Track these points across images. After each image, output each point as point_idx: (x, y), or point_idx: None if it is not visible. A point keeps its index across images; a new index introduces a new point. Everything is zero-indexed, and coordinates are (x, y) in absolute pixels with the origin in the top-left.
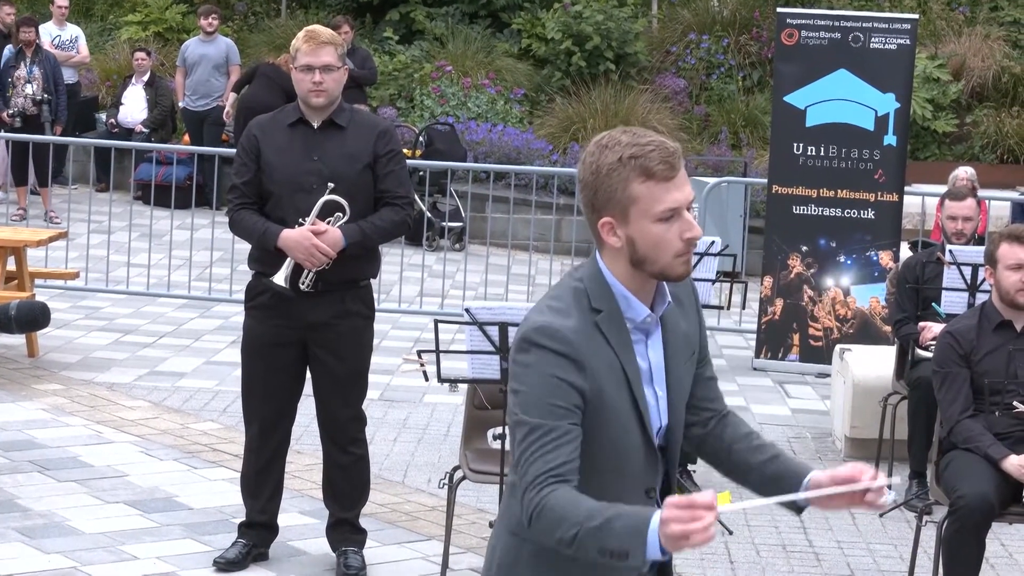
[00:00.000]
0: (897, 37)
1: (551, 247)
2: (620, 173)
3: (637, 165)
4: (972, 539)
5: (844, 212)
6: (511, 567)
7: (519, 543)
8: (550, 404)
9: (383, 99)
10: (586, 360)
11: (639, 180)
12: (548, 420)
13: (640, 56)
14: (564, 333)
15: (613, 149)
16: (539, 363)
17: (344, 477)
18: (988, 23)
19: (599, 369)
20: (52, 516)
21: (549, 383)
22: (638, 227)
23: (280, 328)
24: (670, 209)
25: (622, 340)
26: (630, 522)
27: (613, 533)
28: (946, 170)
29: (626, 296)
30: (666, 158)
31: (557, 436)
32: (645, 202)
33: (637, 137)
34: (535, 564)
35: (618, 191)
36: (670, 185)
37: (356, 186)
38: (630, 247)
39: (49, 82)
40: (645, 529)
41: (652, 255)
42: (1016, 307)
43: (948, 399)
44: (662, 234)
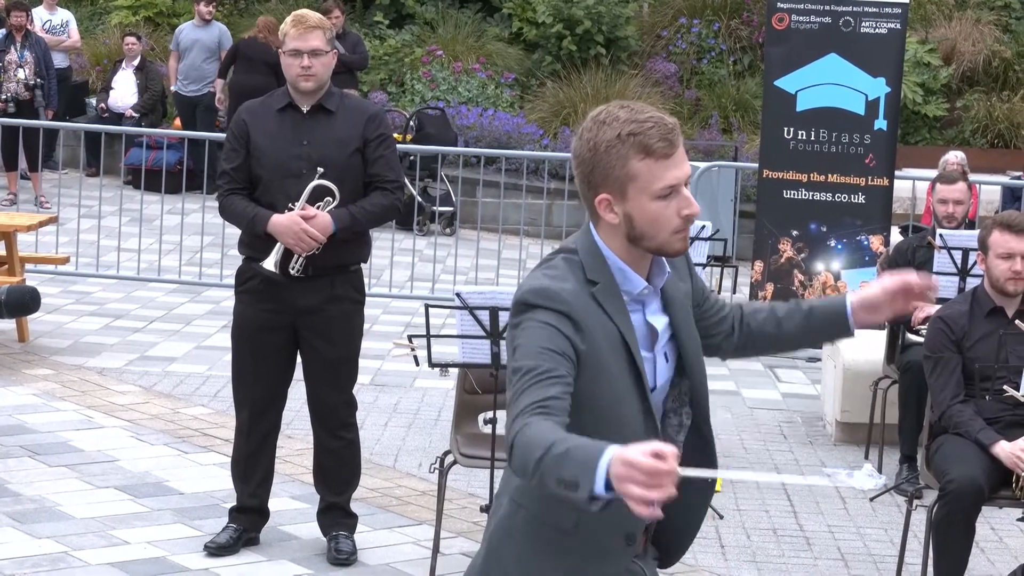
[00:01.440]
0: (888, 21)
1: (542, 231)
2: (619, 150)
3: (636, 142)
4: (962, 523)
5: (835, 196)
6: (506, 532)
7: (515, 508)
8: (543, 348)
9: (374, 84)
10: (583, 321)
11: (638, 158)
12: (540, 362)
13: (631, 40)
14: (561, 294)
15: (611, 125)
16: (535, 318)
17: (335, 462)
18: (979, 7)
19: (596, 333)
20: (43, 501)
21: (544, 331)
22: (636, 204)
23: (270, 313)
24: (669, 187)
25: (618, 308)
26: (586, 452)
27: (569, 462)
28: (936, 154)
29: (622, 269)
30: (665, 135)
31: (547, 374)
32: (644, 180)
33: (635, 113)
34: (527, 531)
35: (616, 168)
36: (669, 163)
37: (346, 171)
38: (627, 224)
39: (41, 66)
40: (596, 461)
41: (650, 231)
42: (1006, 294)
43: (939, 384)
44: (660, 211)
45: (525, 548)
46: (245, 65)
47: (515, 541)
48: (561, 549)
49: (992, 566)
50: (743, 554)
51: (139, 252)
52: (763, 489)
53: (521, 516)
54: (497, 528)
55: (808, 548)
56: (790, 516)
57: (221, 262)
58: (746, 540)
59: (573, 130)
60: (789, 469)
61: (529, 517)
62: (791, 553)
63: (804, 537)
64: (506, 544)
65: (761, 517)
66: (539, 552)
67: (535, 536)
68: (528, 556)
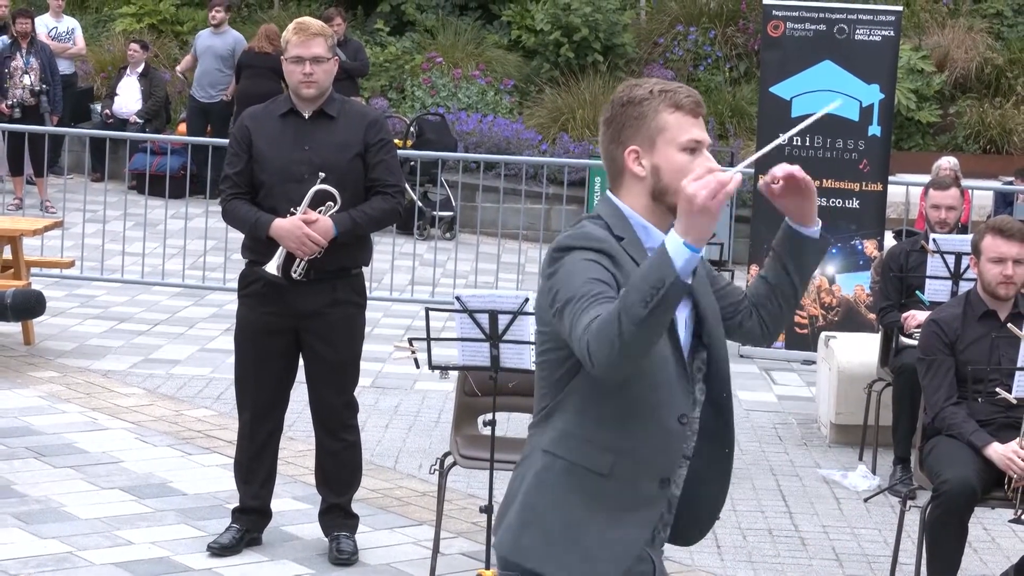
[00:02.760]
0: (881, 29)
1: (540, 236)
2: (650, 103)
3: (667, 97)
4: (955, 523)
5: (829, 201)
6: (541, 482)
7: (551, 460)
8: (589, 278)
9: (374, 90)
10: (621, 259)
11: (668, 111)
12: (585, 288)
13: (628, 47)
14: (598, 235)
15: (643, 86)
16: (572, 258)
17: (336, 463)
18: (971, 15)
19: (631, 272)
20: (48, 502)
21: (583, 265)
22: (664, 154)
23: (273, 316)
24: (695, 140)
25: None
26: (649, 261)
27: (639, 281)
28: (930, 160)
29: (645, 226)
30: (692, 96)
31: (600, 296)
32: (673, 131)
33: (664, 81)
34: (563, 479)
35: (648, 119)
36: (696, 121)
37: (347, 175)
38: (654, 176)
39: (46, 73)
40: (661, 252)
41: (674, 184)
42: (997, 298)
43: (932, 386)
44: (686, 164)
45: (562, 496)
46: (250, 74)
47: (551, 490)
48: (598, 494)
49: (985, 566)
50: (739, 554)
51: (143, 256)
52: (759, 491)
53: (558, 465)
54: (532, 483)
55: (803, 548)
56: (785, 517)
57: (224, 266)
58: (742, 540)
59: (572, 136)
60: (784, 471)
61: (566, 465)
62: (786, 553)
63: (799, 537)
64: (543, 495)
65: (757, 518)
66: (576, 499)
67: (572, 483)
68: (565, 503)
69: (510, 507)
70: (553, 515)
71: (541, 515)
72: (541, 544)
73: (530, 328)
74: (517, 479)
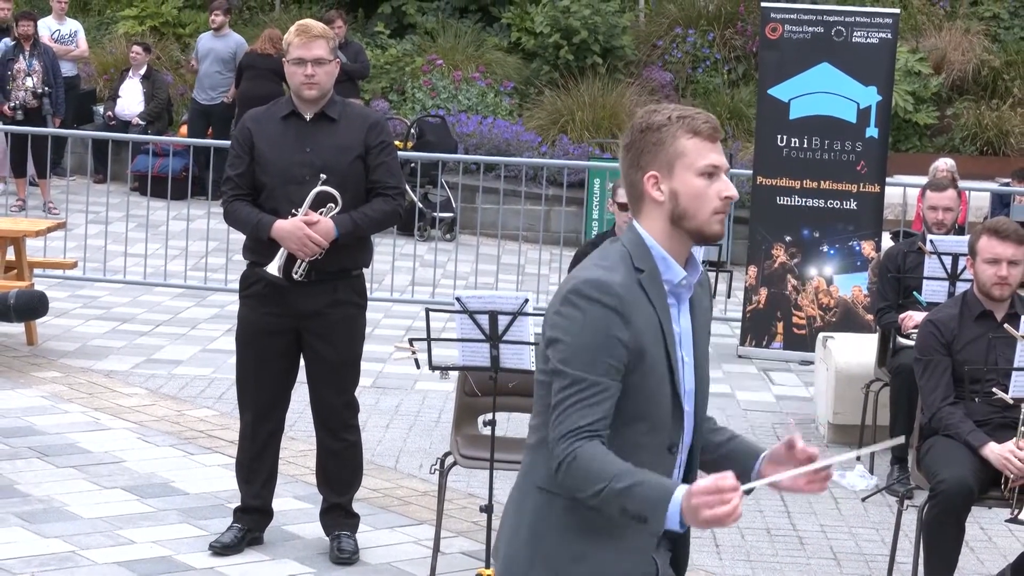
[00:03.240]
0: (879, 31)
1: (540, 237)
2: (669, 129)
3: (686, 123)
4: (952, 523)
5: (827, 203)
6: (544, 520)
7: (550, 498)
8: (595, 358)
9: (375, 92)
10: (632, 315)
11: (687, 136)
12: (591, 375)
13: (627, 50)
14: (614, 287)
15: (662, 112)
16: (588, 315)
17: (337, 463)
18: (968, 18)
19: (641, 325)
20: (51, 501)
21: (597, 337)
22: (682, 179)
23: (274, 317)
24: (713, 165)
25: (661, 300)
26: (654, 491)
27: (637, 497)
28: (927, 162)
29: (664, 257)
30: (710, 122)
31: (597, 392)
32: (691, 156)
33: (683, 107)
34: (567, 519)
35: (666, 144)
36: (714, 146)
37: (348, 177)
38: (672, 201)
39: (49, 75)
40: (667, 501)
41: (692, 209)
42: (993, 299)
43: (930, 386)
44: (704, 188)
45: (564, 533)
46: (251, 75)
47: (553, 528)
48: (600, 526)
49: (982, 565)
50: (737, 553)
51: (145, 257)
52: (757, 490)
53: (557, 503)
54: (535, 518)
55: (801, 548)
56: (783, 516)
57: (226, 267)
58: (740, 540)
59: (571, 138)
60: None
61: (566, 504)
62: (784, 553)
63: (797, 537)
64: (545, 533)
65: (755, 517)
66: (578, 533)
67: (573, 520)
68: (568, 539)
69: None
70: (559, 550)
71: (547, 552)
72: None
73: (529, 329)
74: (514, 507)
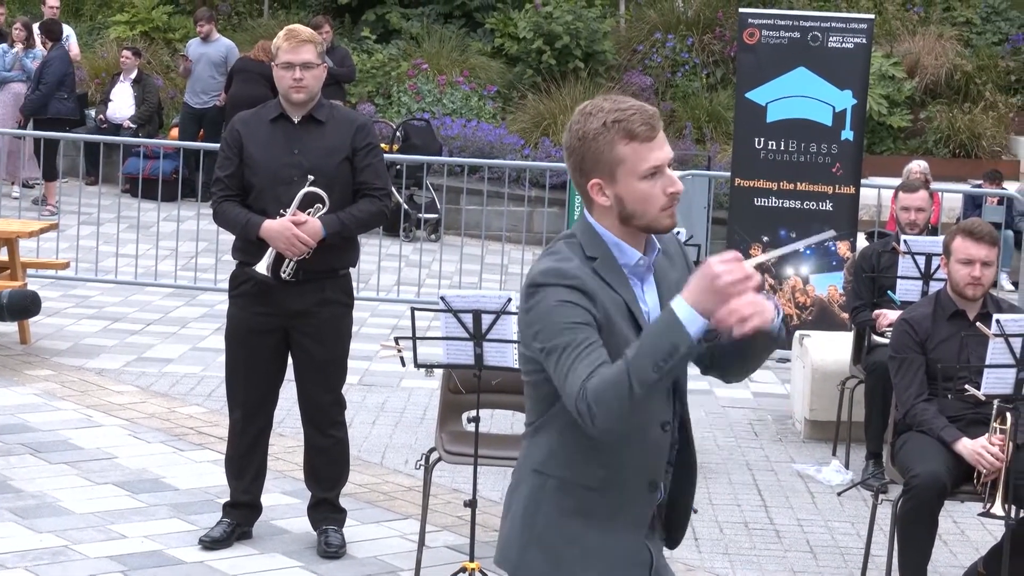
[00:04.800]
0: (854, 36)
1: (523, 237)
2: (605, 137)
3: (621, 128)
4: (926, 517)
5: (803, 204)
6: (536, 502)
7: (543, 479)
8: (567, 323)
9: (362, 96)
10: (592, 292)
11: (623, 142)
12: (570, 335)
13: (608, 54)
14: (570, 270)
15: (597, 116)
16: (549, 295)
17: (325, 459)
18: (941, 23)
19: (606, 304)
20: (44, 497)
21: (561, 308)
22: (625, 185)
23: (263, 316)
24: (653, 167)
25: (621, 281)
26: (657, 325)
27: (649, 347)
28: (901, 164)
29: (617, 243)
30: (647, 120)
31: (583, 345)
32: (631, 162)
33: (618, 103)
34: (560, 500)
35: (605, 153)
36: (652, 145)
37: (335, 179)
38: (619, 204)
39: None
40: (673, 319)
41: (640, 210)
42: (966, 299)
43: (904, 383)
44: (648, 190)
45: (558, 514)
46: (243, 78)
47: (546, 509)
48: (592, 507)
49: (954, 558)
50: (716, 546)
51: (136, 257)
52: (735, 485)
53: (550, 484)
54: (528, 500)
55: (778, 541)
56: (761, 510)
57: (215, 267)
58: (719, 533)
59: (553, 140)
60: (760, 466)
61: (557, 484)
62: (762, 546)
63: (775, 530)
64: (540, 513)
65: (733, 511)
66: (572, 514)
67: (566, 501)
68: (561, 520)
69: (510, 522)
70: (552, 531)
71: (540, 533)
72: (543, 561)
73: (512, 328)
74: (513, 493)
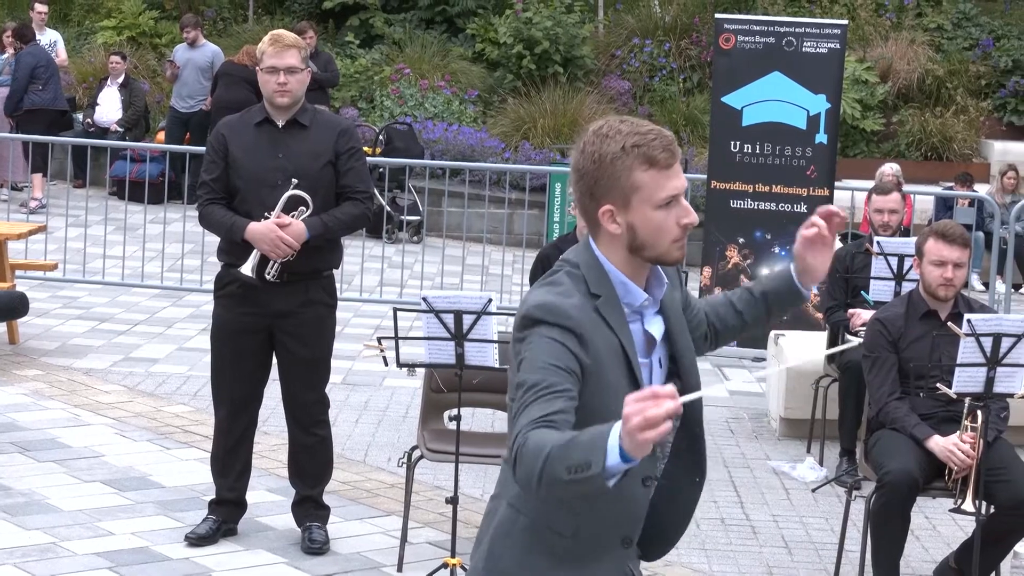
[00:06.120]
0: (828, 42)
1: (503, 239)
2: (624, 161)
3: (640, 154)
4: (898, 512)
5: (778, 206)
6: (505, 536)
7: (515, 515)
8: (549, 364)
9: (345, 100)
10: (588, 335)
11: (642, 168)
12: (542, 375)
13: (587, 59)
14: (566, 309)
15: (615, 139)
16: (541, 334)
17: (308, 457)
18: (913, 29)
19: (600, 348)
20: (32, 494)
21: (550, 346)
22: (639, 214)
23: (248, 316)
24: (671, 196)
25: (619, 321)
26: (592, 433)
27: (576, 447)
28: (873, 166)
29: (624, 282)
30: (667, 146)
31: (551, 389)
32: (648, 190)
33: (637, 127)
34: (527, 540)
35: (622, 179)
36: (671, 172)
37: (318, 182)
38: (630, 233)
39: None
40: (605, 437)
41: (651, 241)
42: (938, 299)
43: (877, 382)
44: (662, 221)
45: (525, 554)
46: (227, 82)
47: (515, 547)
48: (560, 554)
49: (926, 553)
50: (693, 542)
51: (123, 259)
52: (712, 482)
53: (520, 522)
54: (496, 533)
55: (754, 536)
56: (737, 506)
57: (201, 268)
58: (696, 529)
59: (533, 144)
60: (736, 463)
61: (528, 523)
62: (738, 541)
63: (750, 526)
64: (507, 550)
65: (710, 507)
66: (539, 558)
67: (535, 542)
68: (528, 562)
69: (476, 548)
70: (516, 570)
71: (504, 569)
72: None
73: (493, 328)
74: (486, 520)
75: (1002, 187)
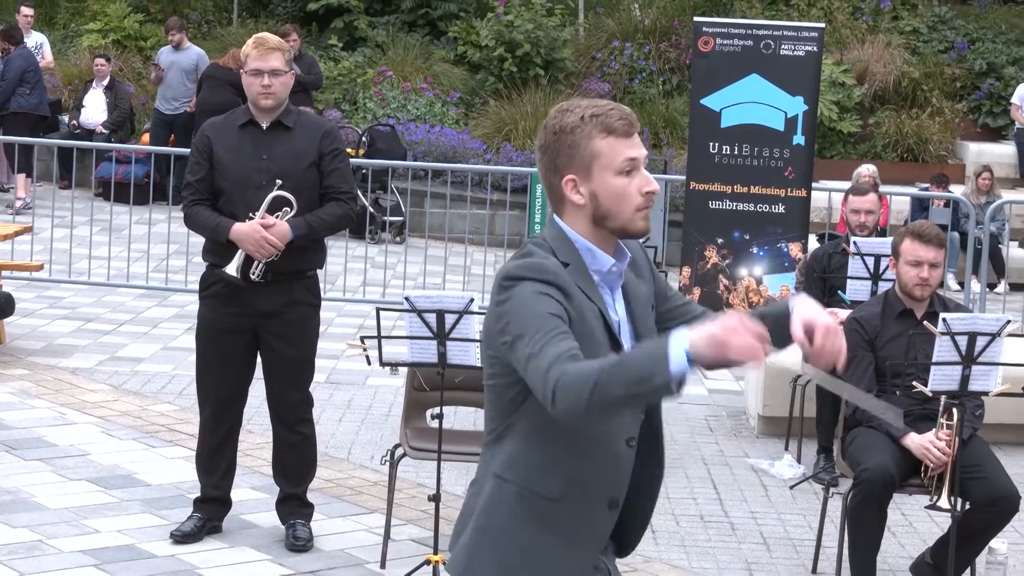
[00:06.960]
0: (805, 44)
1: (485, 240)
2: (582, 130)
3: (598, 122)
4: (875, 509)
5: (756, 207)
6: (493, 509)
7: (501, 485)
8: (540, 313)
9: (328, 102)
10: (569, 291)
11: (601, 136)
12: (542, 322)
13: (567, 62)
14: (548, 266)
15: (574, 111)
16: (523, 289)
17: (293, 455)
18: (889, 31)
19: (581, 304)
20: (19, 493)
21: (537, 298)
22: (601, 181)
23: (232, 316)
24: (630, 159)
25: (591, 287)
26: (645, 348)
27: (631, 364)
28: (850, 168)
29: (590, 248)
30: (624, 116)
31: (558, 330)
32: (607, 156)
33: (595, 102)
34: (517, 508)
35: (581, 147)
36: (630, 141)
37: (302, 183)
38: (593, 202)
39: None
40: (664, 347)
41: (614, 209)
42: (914, 299)
43: (853, 380)
44: (624, 187)
45: (513, 521)
46: (211, 85)
47: (502, 515)
48: (549, 519)
49: (903, 549)
50: (672, 539)
51: (109, 259)
52: (691, 479)
53: (508, 490)
54: (484, 506)
55: (733, 533)
56: (716, 503)
57: (186, 269)
58: (675, 526)
59: (515, 145)
60: (715, 460)
61: (517, 490)
62: (717, 538)
63: (729, 523)
64: (494, 519)
65: (689, 504)
66: (527, 523)
67: (523, 508)
68: (516, 528)
69: (464, 527)
70: (504, 540)
71: (493, 540)
72: (493, 569)
73: (475, 327)
74: (472, 498)
75: (977, 188)
